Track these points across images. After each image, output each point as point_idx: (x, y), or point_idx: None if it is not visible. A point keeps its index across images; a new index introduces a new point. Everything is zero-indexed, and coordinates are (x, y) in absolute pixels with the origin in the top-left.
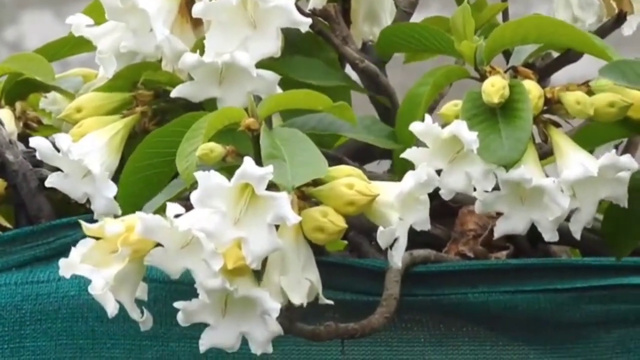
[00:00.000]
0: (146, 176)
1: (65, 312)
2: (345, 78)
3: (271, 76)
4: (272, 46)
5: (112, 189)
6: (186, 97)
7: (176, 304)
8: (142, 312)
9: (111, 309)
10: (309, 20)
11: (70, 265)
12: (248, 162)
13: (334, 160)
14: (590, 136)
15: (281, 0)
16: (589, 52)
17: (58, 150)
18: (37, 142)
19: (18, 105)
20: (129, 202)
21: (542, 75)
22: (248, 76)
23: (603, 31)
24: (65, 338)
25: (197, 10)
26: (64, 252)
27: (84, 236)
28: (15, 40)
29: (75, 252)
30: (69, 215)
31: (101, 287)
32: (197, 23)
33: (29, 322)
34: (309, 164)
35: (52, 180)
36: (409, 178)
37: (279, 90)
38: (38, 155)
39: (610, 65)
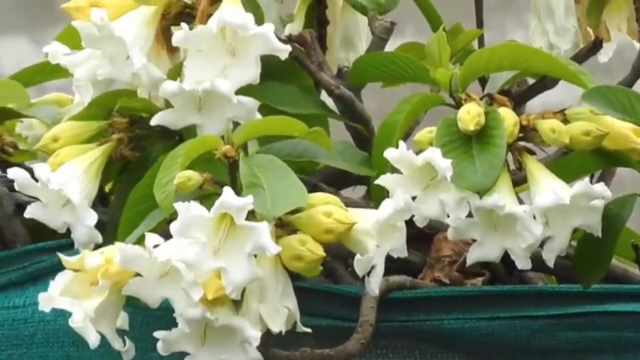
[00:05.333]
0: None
1: (41, 338)
2: (320, 105)
3: (251, 102)
4: (252, 74)
5: (92, 217)
6: (166, 124)
7: (156, 334)
8: (124, 342)
9: (93, 341)
10: (289, 48)
11: (50, 299)
12: (227, 192)
13: (309, 186)
14: (566, 169)
15: (260, 28)
16: (564, 78)
17: (36, 180)
18: (14, 173)
19: None
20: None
21: (518, 102)
22: (228, 103)
23: (579, 58)
24: None
25: (177, 39)
26: (40, 277)
27: (60, 261)
28: None
29: (54, 286)
30: (45, 240)
31: (81, 319)
32: (173, 49)
33: (4, 347)
34: (289, 192)
35: (31, 211)
36: (387, 205)
37: (259, 116)
38: (16, 187)
39: (592, 91)
